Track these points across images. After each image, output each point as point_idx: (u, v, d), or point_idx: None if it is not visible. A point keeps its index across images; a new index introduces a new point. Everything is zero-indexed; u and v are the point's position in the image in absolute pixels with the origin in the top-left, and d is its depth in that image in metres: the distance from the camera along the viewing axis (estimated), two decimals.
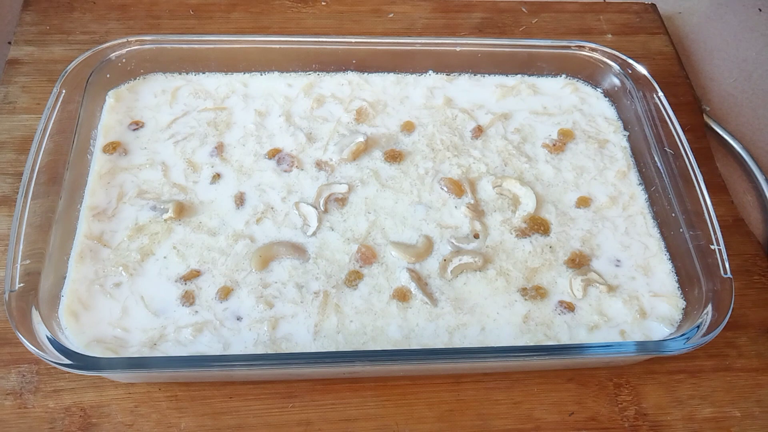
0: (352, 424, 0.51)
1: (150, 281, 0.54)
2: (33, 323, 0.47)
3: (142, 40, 0.64)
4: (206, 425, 0.50)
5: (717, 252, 0.53)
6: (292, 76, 0.68)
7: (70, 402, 0.51)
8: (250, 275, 0.54)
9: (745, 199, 0.69)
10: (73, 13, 0.76)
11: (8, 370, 0.52)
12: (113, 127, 0.63)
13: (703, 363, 0.56)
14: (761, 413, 0.54)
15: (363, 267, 0.56)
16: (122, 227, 0.56)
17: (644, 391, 0.54)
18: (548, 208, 0.60)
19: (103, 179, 0.59)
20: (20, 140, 0.64)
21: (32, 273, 0.50)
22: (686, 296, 0.56)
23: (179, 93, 0.66)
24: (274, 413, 0.51)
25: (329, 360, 0.49)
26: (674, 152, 0.60)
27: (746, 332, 0.58)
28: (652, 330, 0.54)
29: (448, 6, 0.81)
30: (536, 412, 0.53)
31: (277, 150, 0.62)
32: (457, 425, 0.52)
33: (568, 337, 0.53)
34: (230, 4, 0.78)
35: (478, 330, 0.53)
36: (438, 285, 0.55)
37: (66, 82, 0.59)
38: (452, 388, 0.53)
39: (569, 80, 0.70)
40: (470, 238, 0.58)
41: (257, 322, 0.52)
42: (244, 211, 0.58)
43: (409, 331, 0.52)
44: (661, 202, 0.60)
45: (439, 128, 0.65)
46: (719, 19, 0.87)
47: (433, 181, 0.61)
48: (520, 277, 0.56)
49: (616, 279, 0.57)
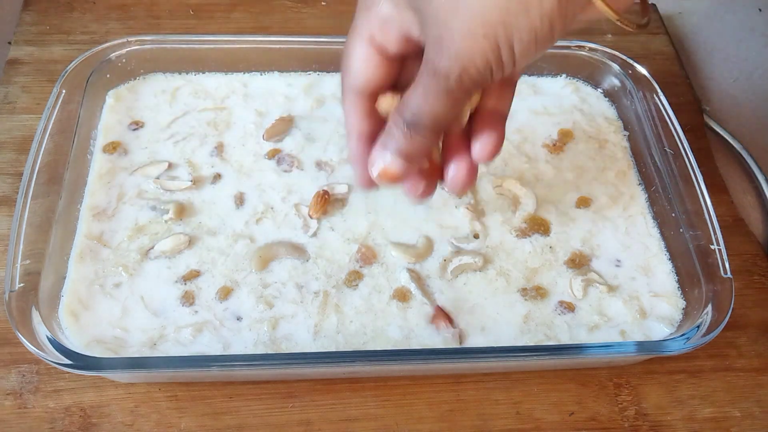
0: (352, 424, 0.51)
1: (150, 281, 0.54)
2: (33, 323, 0.47)
3: (142, 40, 0.64)
4: (206, 425, 0.50)
5: (717, 252, 0.53)
6: (292, 76, 0.68)
7: (70, 402, 0.51)
8: (250, 275, 0.54)
9: (745, 199, 0.69)
10: (73, 13, 0.76)
11: (8, 370, 0.52)
12: (113, 127, 0.63)
13: (703, 363, 0.56)
14: (761, 413, 0.54)
15: (363, 267, 0.56)
16: (122, 227, 0.56)
17: (644, 391, 0.54)
18: (548, 208, 0.60)
19: (103, 179, 0.59)
20: (20, 140, 0.64)
21: (32, 273, 0.50)
22: (686, 296, 0.56)
23: (179, 93, 0.66)
24: (274, 413, 0.51)
25: (329, 360, 0.49)
26: (674, 152, 0.60)
27: (746, 332, 0.58)
28: (652, 330, 0.54)
29: None
30: (536, 412, 0.53)
31: (277, 150, 0.62)
32: (457, 425, 0.52)
33: (569, 337, 0.53)
34: (230, 4, 0.78)
35: (478, 330, 0.53)
36: (438, 285, 0.55)
37: (66, 82, 0.59)
38: (452, 388, 0.53)
39: (569, 80, 0.70)
40: (470, 239, 0.58)
41: (257, 322, 0.52)
42: (244, 211, 0.58)
43: (409, 331, 0.52)
44: (661, 202, 0.60)
45: None
46: (719, 19, 0.86)
47: None
48: (520, 277, 0.56)
49: (616, 279, 0.57)
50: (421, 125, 0.38)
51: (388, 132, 0.40)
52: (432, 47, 0.36)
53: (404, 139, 0.39)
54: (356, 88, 0.42)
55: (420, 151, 0.40)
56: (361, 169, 0.44)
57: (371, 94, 0.42)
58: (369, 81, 0.41)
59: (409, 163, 0.40)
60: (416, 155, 0.40)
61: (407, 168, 0.41)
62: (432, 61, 0.36)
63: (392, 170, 0.41)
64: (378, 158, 0.41)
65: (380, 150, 0.41)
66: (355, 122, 0.43)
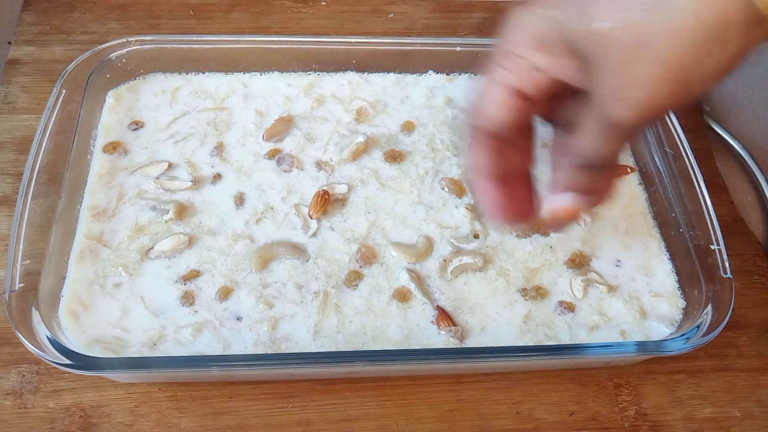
0: (352, 424, 0.51)
1: (150, 281, 0.54)
2: (33, 323, 0.47)
3: (142, 40, 0.64)
4: (206, 425, 0.50)
5: (717, 252, 0.53)
6: (292, 76, 0.68)
7: (70, 402, 0.51)
8: (250, 275, 0.54)
9: (745, 199, 0.69)
10: (73, 13, 0.76)
11: (8, 370, 0.52)
12: (113, 127, 0.63)
13: (703, 363, 0.56)
14: (761, 413, 0.54)
15: (363, 267, 0.56)
16: (122, 227, 0.56)
17: (644, 391, 0.54)
18: None
19: (103, 179, 0.59)
20: (20, 140, 0.64)
21: (32, 273, 0.50)
22: (686, 296, 0.56)
23: (179, 93, 0.66)
24: (274, 413, 0.51)
25: (329, 360, 0.49)
26: (674, 152, 0.60)
27: (746, 332, 0.58)
28: (652, 330, 0.54)
29: (448, 6, 0.81)
30: (536, 412, 0.53)
31: (277, 150, 0.62)
32: (457, 425, 0.52)
33: (569, 337, 0.53)
34: (230, 4, 0.78)
35: (479, 330, 0.53)
36: (438, 285, 0.55)
37: (66, 82, 0.59)
38: (452, 388, 0.53)
39: None
40: (470, 238, 0.58)
41: (257, 322, 0.52)
42: (244, 211, 0.58)
43: (409, 332, 0.52)
44: (661, 202, 0.60)
45: (439, 128, 0.65)
46: None
47: (433, 181, 0.61)
48: (520, 277, 0.56)
49: (617, 279, 0.57)
50: (590, 167, 0.39)
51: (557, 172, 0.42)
52: (605, 95, 0.35)
53: (577, 179, 0.41)
54: (488, 131, 0.42)
55: (591, 188, 0.41)
56: (494, 207, 0.44)
57: (501, 134, 0.42)
58: (503, 124, 0.41)
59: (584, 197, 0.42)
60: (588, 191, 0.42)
61: (584, 204, 0.42)
62: (605, 108, 0.35)
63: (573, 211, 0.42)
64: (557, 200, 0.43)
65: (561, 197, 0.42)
66: (484, 162, 0.43)
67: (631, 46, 0.33)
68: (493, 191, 0.44)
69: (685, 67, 0.32)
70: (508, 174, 0.44)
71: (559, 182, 0.42)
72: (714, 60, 0.32)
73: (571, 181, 0.41)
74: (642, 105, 0.34)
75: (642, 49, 0.32)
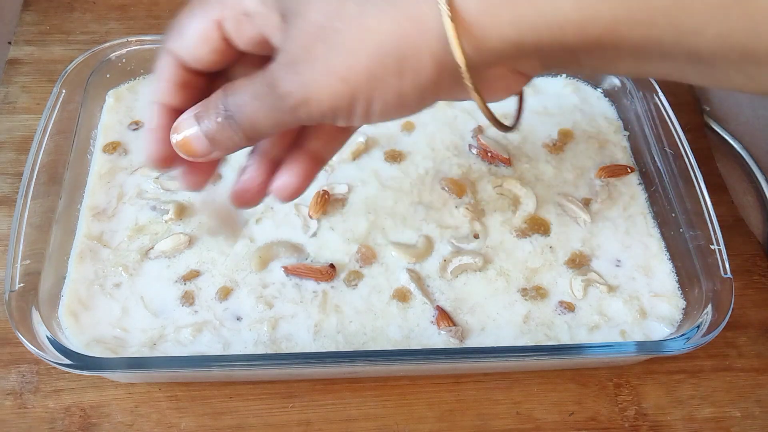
0: (352, 424, 0.51)
1: (150, 281, 0.54)
2: (33, 323, 0.47)
3: (142, 40, 0.64)
4: (206, 425, 0.50)
5: (717, 252, 0.53)
6: None
7: (70, 402, 0.51)
8: (250, 275, 0.54)
9: (745, 199, 0.69)
10: (73, 13, 0.76)
11: (8, 370, 0.52)
12: (113, 127, 0.63)
13: (703, 363, 0.56)
14: (761, 413, 0.54)
15: (363, 267, 0.56)
16: (122, 227, 0.56)
17: (644, 391, 0.54)
18: (548, 208, 0.60)
19: (103, 179, 0.59)
20: (20, 140, 0.64)
21: (32, 273, 0.50)
22: (686, 296, 0.56)
23: None
24: (274, 413, 0.51)
25: (329, 360, 0.49)
26: (674, 152, 0.60)
27: (746, 332, 0.58)
28: (652, 330, 0.54)
29: None
30: (536, 412, 0.53)
31: None
32: (457, 425, 0.52)
33: (569, 337, 0.53)
34: None
35: (479, 330, 0.53)
36: (438, 285, 0.55)
37: (66, 82, 0.59)
38: (452, 388, 0.53)
39: (569, 80, 0.70)
40: (470, 239, 0.58)
41: (257, 322, 0.52)
42: (244, 211, 0.58)
43: (409, 332, 0.52)
44: (661, 202, 0.60)
45: (439, 128, 0.65)
46: None
47: (433, 181, 0.61)
48: (520, 277, 0.56)
49: (617, 279, 0.57)
50: (236, 124, 0.35)
51: (206, 107, 0.36)
52: (284, 62, 0.33)
53: (216, 127, 0.36)
54: (181, 58, 0.37)
55: (226, 145, 0.37)
56: (156, 143, 0.39)
57: (194, 70, 0.38)
58: (199, 59, 0.37)
59: (211, 147, 0.37)
60: (221, 146, 0.37)
61: (208, 151, 0.37)
62: (276, 75, 0.33)
63: (194, 147, 0.37)
64: (186, 127, 0.37)
65: (191, 120, 0.37)
66: (165, 91, 0.38)
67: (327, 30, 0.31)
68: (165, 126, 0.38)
69: (363, 74, 0.31)
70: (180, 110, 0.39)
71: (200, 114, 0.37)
72: (393, 85, 0.32)
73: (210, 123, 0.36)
74: (310, 89, 0.32)
75: (332, 36, 0.31)
